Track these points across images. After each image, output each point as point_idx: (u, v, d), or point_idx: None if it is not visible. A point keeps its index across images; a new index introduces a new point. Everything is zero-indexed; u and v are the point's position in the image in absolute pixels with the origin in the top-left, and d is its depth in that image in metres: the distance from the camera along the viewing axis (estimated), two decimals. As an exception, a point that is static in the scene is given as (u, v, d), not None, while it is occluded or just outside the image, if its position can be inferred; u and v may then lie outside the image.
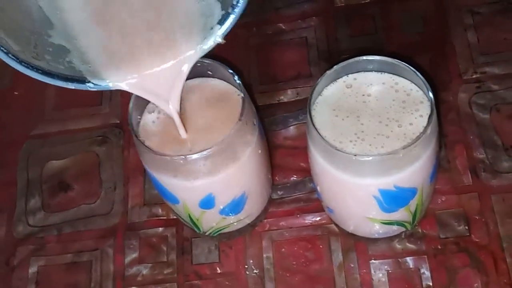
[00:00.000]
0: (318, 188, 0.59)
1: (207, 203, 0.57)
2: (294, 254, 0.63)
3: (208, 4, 0.50)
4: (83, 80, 0.52)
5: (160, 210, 0.67)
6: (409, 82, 0.55)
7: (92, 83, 0.52)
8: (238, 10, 0.51)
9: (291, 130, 0.70)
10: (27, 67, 0.48)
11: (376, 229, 0.59)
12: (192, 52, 0.53)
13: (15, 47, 0.47)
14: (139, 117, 0.57)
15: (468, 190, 0.63)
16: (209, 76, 0.58)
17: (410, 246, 0.61)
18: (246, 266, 0.63)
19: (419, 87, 0.54)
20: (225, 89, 0.58)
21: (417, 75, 0.53)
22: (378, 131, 0.53)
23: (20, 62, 0.47)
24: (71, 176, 0.71)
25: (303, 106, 0.69)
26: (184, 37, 0.52)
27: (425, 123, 0.51)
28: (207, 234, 0.63)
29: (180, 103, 0.55)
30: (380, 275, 0.61)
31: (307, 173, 0.64)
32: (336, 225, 0.63)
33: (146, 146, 0.54)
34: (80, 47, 0.50)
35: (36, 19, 0.47)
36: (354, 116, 0.54)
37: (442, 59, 0.71)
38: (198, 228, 0.62)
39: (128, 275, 0.65)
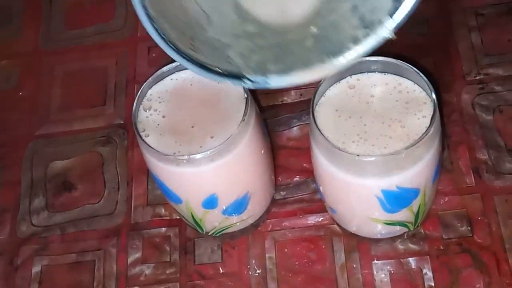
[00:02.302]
0: (321, 188, 0.59)
1: (210, 203, 0.57)
2: (296, 255, 0.63)
3: None
4: (239, 76, 0.46)
5: (163, 210, 0.67)
6: (412, 83, 0.55)
7: (249, 79, 0.46)
8: None
9: (294, 130, 0.70)
10: (184, 58, 0.45)
11: (379, 230, 0.59)
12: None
13: (173, 35, 0.44)
14: (142, 116, 0.57)
15: (471, 191, 0.63)
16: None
17: (413, 246, 0.61)
18: (249, 266, 0.63)
19: (422, 88, 0.54)
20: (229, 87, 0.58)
21: (420, 76, 0.53)
22: (381, 131, 0.53)
23: (178, 52, 0.45)
24: (75, 176, 0.72)
25: (306, 107, 0.69)
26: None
27: (428, 124, 0.51)
28: (210, 234, 0.63)
29: (181, 101, 0.56)
30: (383, 275, 0.61)
31: (310, 173, 0.64)
32: (339, 225, 0.63)
33: (149, 145, 0.54)
34: (248, 45, 0.46)
35: (193, 14, 0.45)
36: (357, 116, 0.54)
37: (446, 61, 0.71)
38: (201, 228, 0.62)
39: (131, 275, 0.65)
